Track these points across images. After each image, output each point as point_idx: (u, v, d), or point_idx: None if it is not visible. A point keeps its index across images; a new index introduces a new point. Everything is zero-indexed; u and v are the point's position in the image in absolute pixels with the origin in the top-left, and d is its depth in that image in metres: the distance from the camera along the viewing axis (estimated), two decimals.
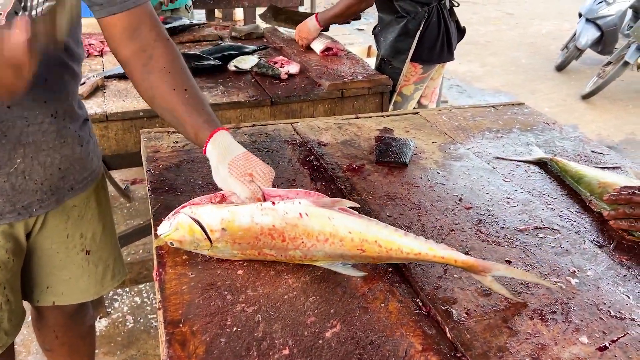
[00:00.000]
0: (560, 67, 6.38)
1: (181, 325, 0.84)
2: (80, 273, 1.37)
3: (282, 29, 3.02)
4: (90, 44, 2.62)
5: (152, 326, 2.30)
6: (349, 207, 0.97)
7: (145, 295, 2.48)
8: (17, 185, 1.11)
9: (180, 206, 1.01)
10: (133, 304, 2.43)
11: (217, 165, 1.07)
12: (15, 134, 1.07)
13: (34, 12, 1.01)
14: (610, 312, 0.91)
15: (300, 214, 0.93)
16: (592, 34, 5.92)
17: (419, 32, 2.48)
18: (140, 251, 2.67)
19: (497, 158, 1.46)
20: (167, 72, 1.12)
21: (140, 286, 2.52)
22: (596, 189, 1.22)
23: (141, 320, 2.33)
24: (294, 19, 2.93)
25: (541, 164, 1.42)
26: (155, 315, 2.35)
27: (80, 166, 1.25)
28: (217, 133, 1.08)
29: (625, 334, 0.86)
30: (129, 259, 2.56)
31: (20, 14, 0.99)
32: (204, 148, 1.09)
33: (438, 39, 2.54)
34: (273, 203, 0.96)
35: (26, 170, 1.12)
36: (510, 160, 1.45)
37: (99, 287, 1.43)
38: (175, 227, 0.95)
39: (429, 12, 2.48)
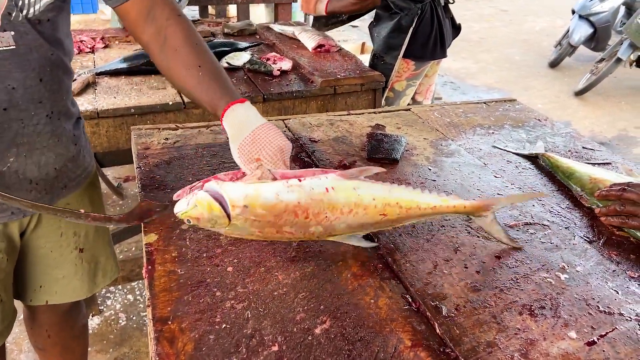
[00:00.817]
0: (554, 64, 6.40)
1: (170, 322, 0.84)
2: (73, 271, 1.36)
3: (276, 28, 3.00)
4: (81, 41, 2.60)
5: (145, 324, 2.29)
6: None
7: (137, 292, 2.48)
8: (11, 185, 1.10)
9: (201, 181, 0.98)
10: (126, 301, 2.42)
11: (230, 142, 1.06)
12: (10, 135, 1.06)
13: (31, 10, 0.99)
14: (599, 307, 0.91)
15: (326, 188, 0.93)
16: (585, 30, 5.94)
17: (411, 29, 2.48)
18: (133, 249, 2.67)
19: (494, 147, 1.48)
20: (180, 52, 1.10)
21: (132, 284, 2.51)
22: (587, 184, 1.22)
23: (134, 318, 2.33)
24: (345, 18, 2.90)
25: (532, 159, 1.43)
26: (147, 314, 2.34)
27: (74, 164, 1.24)
28: (229, 109, 1.06)
29: (613, 329, 0.87)
30: (121, 257, 2.55)
31: (14, 14, 0.97)
32: (220, 121, 1.09)
33: (431, 35, 2.53)
34: (299, 180, 0.94)
35: (20, 170, 1.10)
36: (506, 151, 1.47)
37: (92, 285, 1.43)
38: (194, 205, 0.92)
39: (422, 8, 2.48)
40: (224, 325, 0.83)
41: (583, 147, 1.52)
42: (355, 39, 6.48)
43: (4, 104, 1.02)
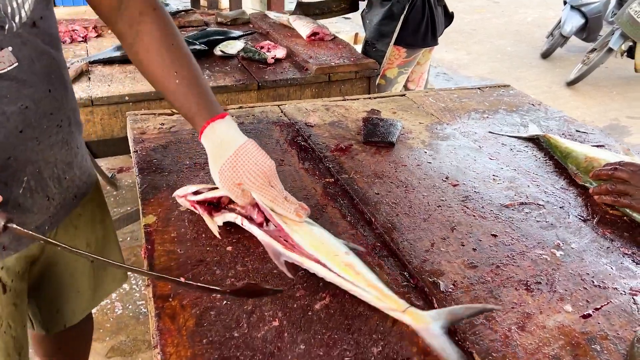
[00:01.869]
0: (546, 55, 6.42)
1: (171, 300, 0.84)
2: (87, 284, 1.28)
3: (272, 15, 3.00)
4: (73, 30, 2.59)
5: (141, 312, 2.30)
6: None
7: (133, 282, 2.48)
8: (28, 206, 0.98)
9: (205, 190, 1.00)
10: (121, 290, 2.42)
11: (211, 164, 0.98)
12: (25, 155, 0.94)
13: (23, 14, 0.87)
14: (593, 282, 0.93)
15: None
16: (576, 21, 5.96)
17: (403, 16, 2.49)
18: (128, 238, 2.67)
19: (491, 132, 1.49)
20: (154, 53, 1.01)
21: (128, 273, 2.51)
22: (582, 163, 1.24)
23: (130, 307, 2.33)
24: (325, 9, 2.92)
25: (533, 140, 1.45)
26: (144, 302, 2.34)
27: (80, 170, 1.13)
28: (209, 127, 0.98)
29: (608, 302, 0.88)
30: None
31: (7, 26, 0.84)
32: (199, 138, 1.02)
33: (422, 23, 2.55)
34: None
35: (36, 188, 0.98)
36: (505, 135, 1.48)
37: (103, 293, 1.35)
38: None
39: None
40: (224, 302, 0.84)
41: (577, 130, 1.53)
42: (348, 30, 6.47)
43: (20, 125, 0.91)
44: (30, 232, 0.85)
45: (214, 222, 1.00)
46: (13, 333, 1.05)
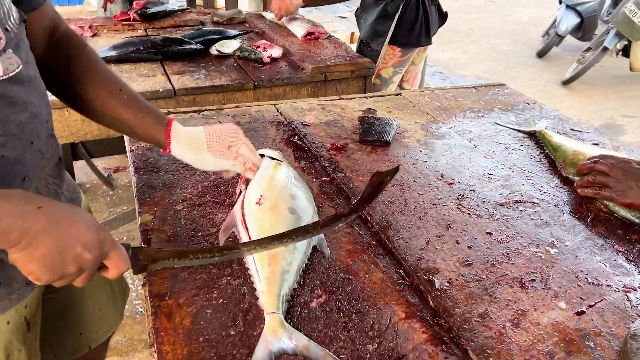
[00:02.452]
0: (541, 54, 6.44)
1: (167, 298, 0.84)
2: (106, 300, 1.22)
3: (268, 15, 3.00)
4: None
5: (138, 312, 2.29)
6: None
7: (130, 281, 2.46)
8: None
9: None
10: None
11: (198, 156, 1.01)
12: (34, 172, 0.87)
13: (15, 15, 0.82)
14: (587, 279, 0.93)
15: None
16: (572, 20, 5.98)
17: (397, 15, 2.50)
18: (125, 238, 2.66)
19: (497, 124, 1.54)
20: (93, 75, 0.97)
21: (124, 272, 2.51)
22: (569, 156, 1.28)
23: (126, 306, 2.32)
24: None
25: (530, 137, 1.48)
26: (140, 301, 2.34)
27: (67, 185, 1.04)
28: (172, 126, 1.00)
29: (601, 299, 0.89)
30: None
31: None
32: (167, 149, 1.00)
33: (416, 22, 2.55)
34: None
35: None
36: (509, 127, 1.53)
37: (122, 307, 1.30)
38: None
39: None
40: (220, 300, 0.84)
41: (571, 129, 1.54)
42: (344, 29, 6.47)
43: (32, 136, 0.84)
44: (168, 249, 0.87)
45: None
46: None
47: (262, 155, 1.12)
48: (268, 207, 0.98)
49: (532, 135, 1.48)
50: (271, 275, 0.85)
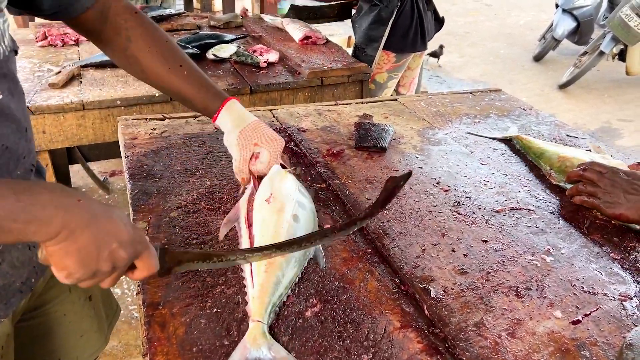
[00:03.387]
0: (538, 58, 6.46)
1: (161, 308, 0.84)
2: (89, 325, 1.18)
3: (267, 18, 3.01)
4: (65, 33, 2.58)
5: (133, 317, 2.29)
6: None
7: (125, 286, 2.46)
8: (13, 260, 0.88)
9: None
10: (114, 295, 2.41)
11: (230, 130, 1.09)
12: None
13: (7, 42, 0.81)
14: (583, 288, 0.93)
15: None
16: (568, 24, 6.00)
17: (391, 21, 2.51)
18: None
19: (469, 134, 1.50)
20: (154, 52, 1.05)
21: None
22: (555, 162, 1.28)
23: (122, 312, 2.31)
24: (317, 14, 2.94)
25: (509, 142, 1.47)
26: (135, 307, 2.33)
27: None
28: (228, 103, 1.09)
29: (597, 308, 0.89)
30: None
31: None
32: (214, 116, 1.10)
33: (411, 28, 2.56)
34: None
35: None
36: (481, 136, 1.50)
37: (108, 331, 1.25)
38: None
39: (402, 1, 2.51)
40: (215, 310, 0.84)
41: (567, 135, 1.54)
42: (342, 33, 6.47)
43: (1, 171, 0.80)
44: (194, 251, 0.88)
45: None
46: None
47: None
48: (276, 208, 0.99)
49: (508, 141, 1.47)
50: (265, 283, 0.85)
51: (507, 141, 1.47)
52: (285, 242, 0.84)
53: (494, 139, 1.49)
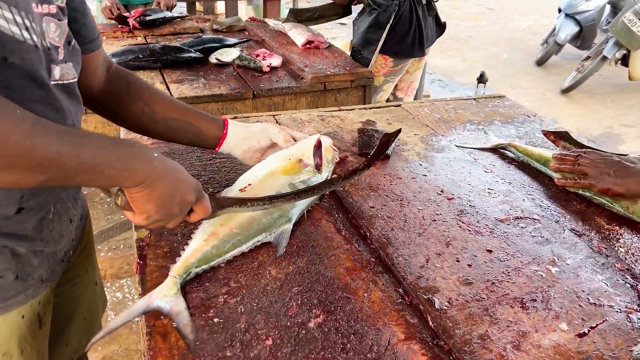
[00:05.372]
0: (540, 62, 6.45)
1: (162, 317, 0.83)
2: (94, 309, 1.23)
3: (271, 22, 3.00)
4: None
5: (134, 322, 2.27)
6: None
7: (126, 290, 2.46)
8: (56, 235, 0.93)
9: None
10: (114, 299, 2.40)
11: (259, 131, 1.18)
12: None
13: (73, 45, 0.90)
14: (589, 300, 0.92)
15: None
16: (571, 29, 5.99)
17: (388, 25, 2.51)
18: (122, 246, 2.65)
19: (458, 146, 1.48)
20: (152, 88, 1.12)
21: (121, 281, 2.50)
22: None
23: None
24: (316, 16, 2.94)
25: (493, 151, 1.46)
26: None
27: (78, 188, 1.07)
28: (229, 123, 1.16)
29: (603, 321, 0.88)
30: (110, 254, 2.53)
31: (73, 42, 0.89)
32: (219, 142, 1.14)
33: (409, 33, 2.56)
34: None
35: (61, 212, 0.95)
36: (470, 148, 1.47)
37: (101, 317, 1.29)
38: None
39: (400, 6, 2.50)
40: (217, 320, 0.83)
41: None
42: (344, 36, 6.48)
43: None
44: (240, 198, 1.00)
45: None
46: None
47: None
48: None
49: (494, 150, 1.46)
50: (198, 247, 0.92)
51: (493, 150, 1.46)
52: (302, 190, 1.03)
53: (483, 149, 1.46)
